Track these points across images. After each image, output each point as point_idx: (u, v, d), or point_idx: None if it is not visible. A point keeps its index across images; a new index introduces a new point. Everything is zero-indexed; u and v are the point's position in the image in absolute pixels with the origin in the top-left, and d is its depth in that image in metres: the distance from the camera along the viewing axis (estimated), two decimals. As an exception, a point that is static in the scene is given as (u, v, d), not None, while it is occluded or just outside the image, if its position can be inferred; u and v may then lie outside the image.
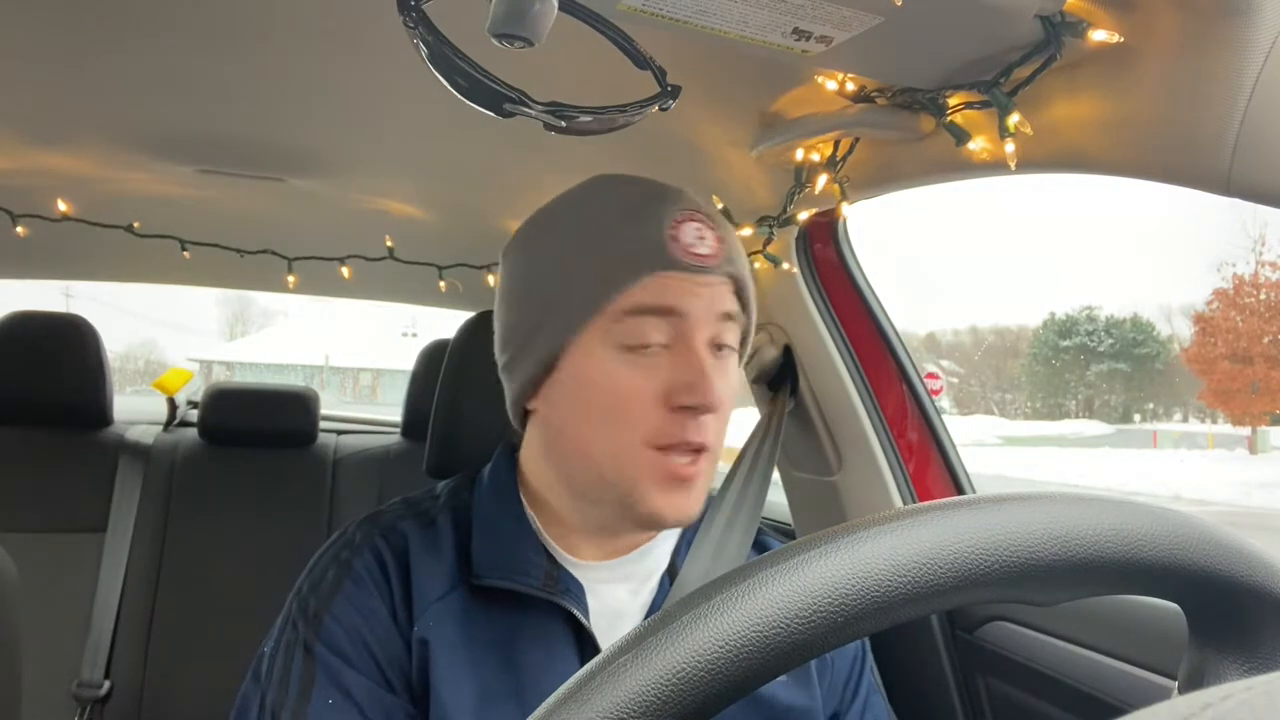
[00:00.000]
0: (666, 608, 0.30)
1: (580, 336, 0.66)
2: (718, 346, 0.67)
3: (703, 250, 0.66)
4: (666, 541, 0.76)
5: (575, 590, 0.69)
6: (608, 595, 0.71)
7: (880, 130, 0.90)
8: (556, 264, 0.68)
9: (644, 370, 0.65)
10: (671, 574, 0.75)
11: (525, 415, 0.73)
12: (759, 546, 0.86)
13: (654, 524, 0.68)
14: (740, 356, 0.73)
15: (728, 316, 0.68)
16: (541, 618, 0.68)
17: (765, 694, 0.69)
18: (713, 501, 0.83)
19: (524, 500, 0.74)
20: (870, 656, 0.81)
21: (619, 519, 0.69)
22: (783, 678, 0.71)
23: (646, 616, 0.71)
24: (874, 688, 0.80)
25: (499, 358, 0.73)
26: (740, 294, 0.69)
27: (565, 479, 0.70)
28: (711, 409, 0.64)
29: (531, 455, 0.74)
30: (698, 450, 0.65)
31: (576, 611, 0.67)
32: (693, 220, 0.67)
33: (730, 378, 0.68)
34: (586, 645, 0.68)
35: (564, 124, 0.68)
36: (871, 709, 0.78)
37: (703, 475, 0.67)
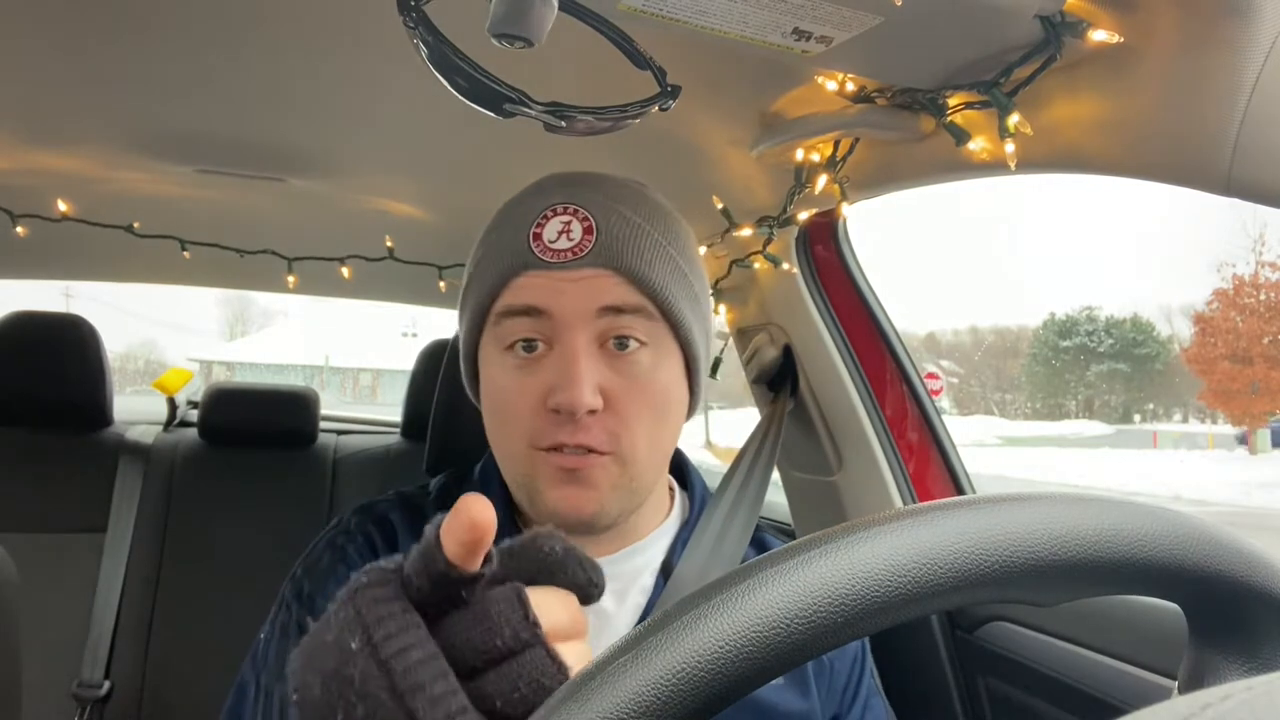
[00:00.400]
0: (666, 608, 0.30)
1: (482, 340, 0.69)
2: (619, 343, 0.64)
3: (561, 245, 0.64)
4: (657, 542, 0.75)
5: None
6: None
7: (880, 130, 0.90)
8: (466, 271, 0.71)
9: (526, 373, 0.65)
10: (666, 573, 0.74)
11: None
12: (759, 545, 0.85)
13: (558, 520, 0.64)
14: (686, 350, 0.68)
15: (615, 310, 0.64)
16: None
17: (762, 699, 0.68)
18: (710, 500, 0.82)
19: (511, 499, 0.73)
20: (870, 659, 0.80)
21: (543, 520, 0.67)
22: (779, 681, 0.70)
23: (641, 618, 0.71)
24: (874, 690, 0.79)
25: None
26: (640, 285, 0.64)
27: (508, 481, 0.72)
28: (577, 412, 0.61)
29: None
30: (587, 450, 0.63)
31: None
32: (561, 215, 0.65)
33: (638, 378, 0.65)
34: None
35: (564, 124, 0.68)
36: (871, 711, 0.78)
37: (599, 470, 0.64)
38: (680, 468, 0.82)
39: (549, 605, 0.37)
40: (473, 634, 0.35)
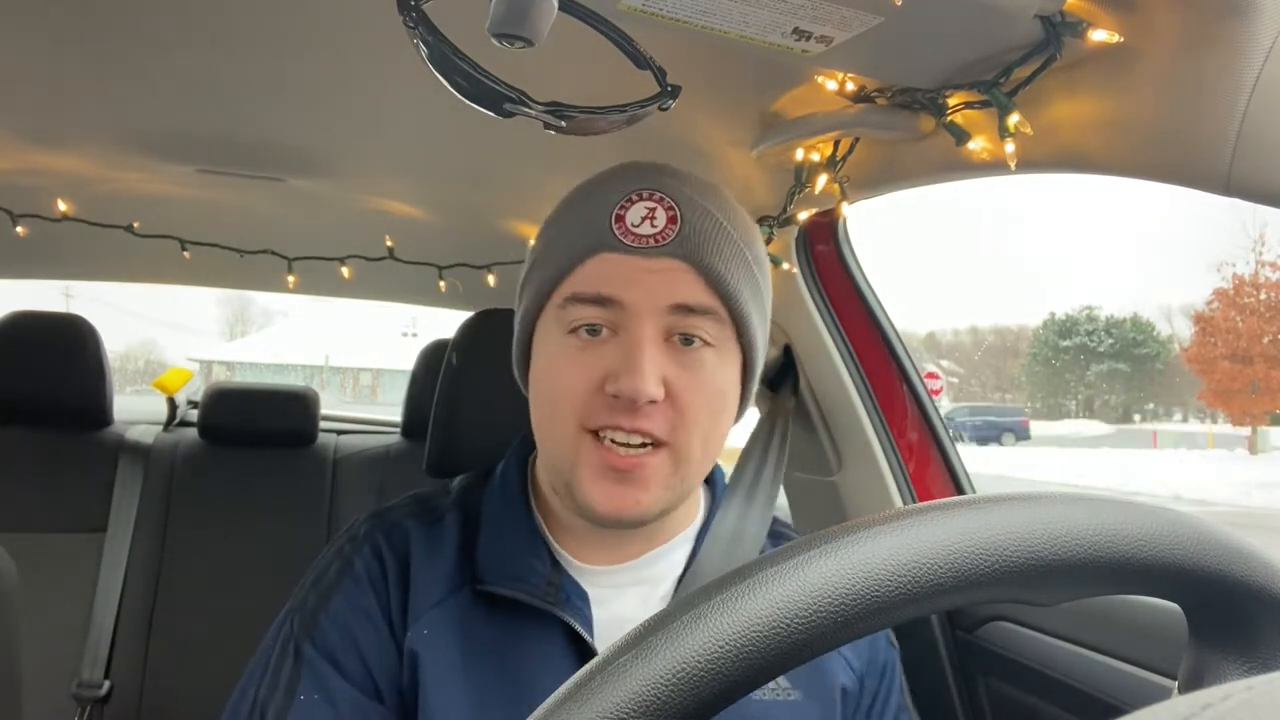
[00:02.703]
0: (666, 608, 0.30)
1: (539, 324, 0.67)
2: (684, 339, 0.63)
3: (645, 231, 0.62)
4: (681, 547, 0.74)
5: (578, 599, 0.67)
6: (616, 603, 0.69)
7: (880, 130, 0.90)
8: (532, 252, 0.69)
9: (587, 356, 0.63)
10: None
11: None
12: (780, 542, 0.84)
13: (590, 516, 0.64)
14: (746, 355, 0.67)
15: (686, 309, 0.63)
16: (543, 627, 0.66)
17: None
18: (721, 501, 0.81)
19: (533, 502, 0.72)
20: (900, 676, 0.78)
21: (578, 514, 0.66)
22: (801, 700, 0.68)
23: None
24: (903, 707, 0.77)
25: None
26: (714, 285, 0.63)
27: (542, 474, 0.71)
28: (638, 399, 0.60)
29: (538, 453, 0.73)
30: (642, 442, 0.62)
31: (575, 623, 0.65)
32: (646, 200, 0.63)
33: (700, 374, 0.63)
34: (588, 657, 0.65)
35: (564, 124, 0.68)
36: None
37: (648, 469, 0.62)
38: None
39: None
40: None
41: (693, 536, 0.75)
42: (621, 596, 0.70)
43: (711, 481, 0.81)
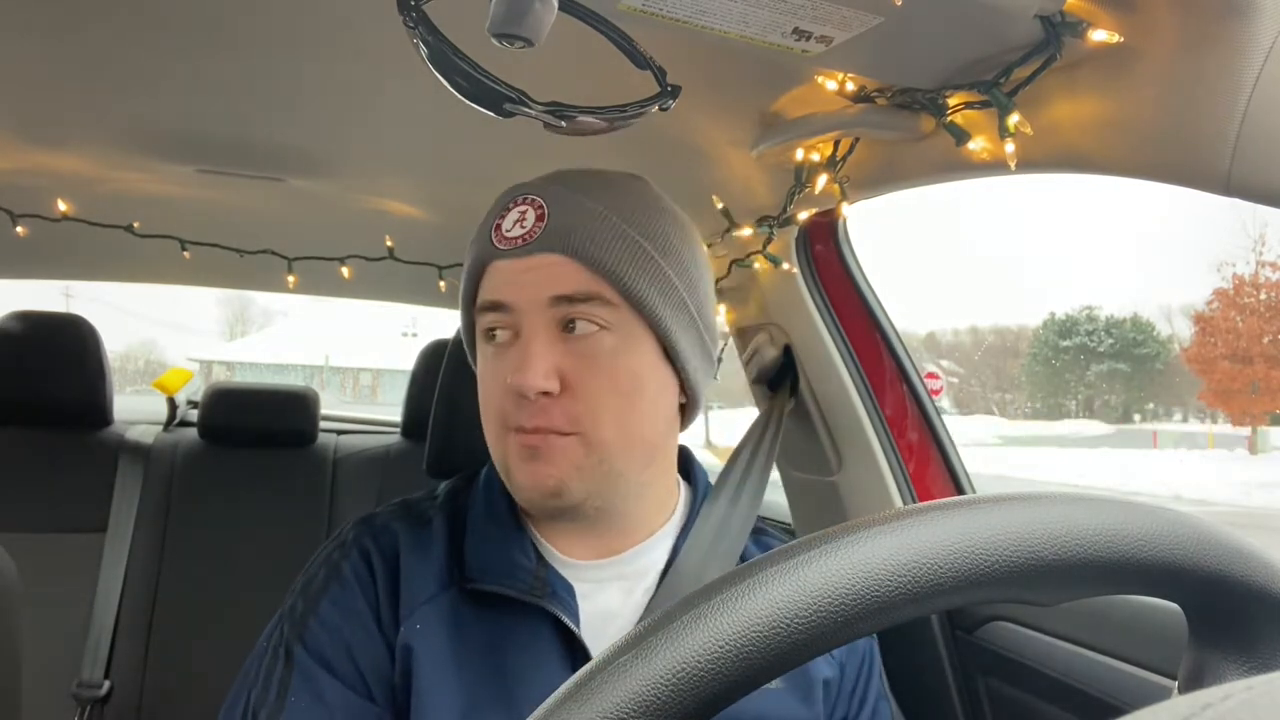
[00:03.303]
0: (667, 608, 0.30)
1: (476, 334, 0.72)
2: (571, 326, 0.65)
3: (514, 233, 0.66)
4: (664, 541, 0.75)
5: (564, 593, 0.68)
6: (600, 597, 0.70)
7: (880, 130, 0.90)
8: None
9: (497, 360, 0.68)
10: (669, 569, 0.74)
11: None
12: (764, 547, 0.85)
13: (525, 502, 0.69)
14: (659, 334, 0.68)
15: (567, 300, 0.65)
16: (531, 622, 0.67)
17: (763, 709, 0.67)
18: (708, 497, 0.82)
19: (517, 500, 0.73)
20: (879, 662, 0.80)
21: (533, 512, 0.71)
22: (780, 689, 0.70)
23: (642, 617, 0.71)
24: (882, 694, 0.79)
25: None
26: (594, 268, 0.65)
27: None
28: (526, 394, 0.63)
29: None
30: (548, 432, 0.65)
31: (563, 616, 0.66)
32: (520, 205, 0.67)
33: (598, 359, 0.65)
34: (577, 650, 0.67)
35: (564, 124, 0.68)
36: (879, 716, 0.77)
37: (559, 449, 0.65)
38: (686, 464, 0.82)
39: None
40: None
41: (675, 532, 0.77)
42: (605, 591, 0.71)
43: (693, 477, 0.82)
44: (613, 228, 0.66)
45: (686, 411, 0.74)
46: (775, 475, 1.11)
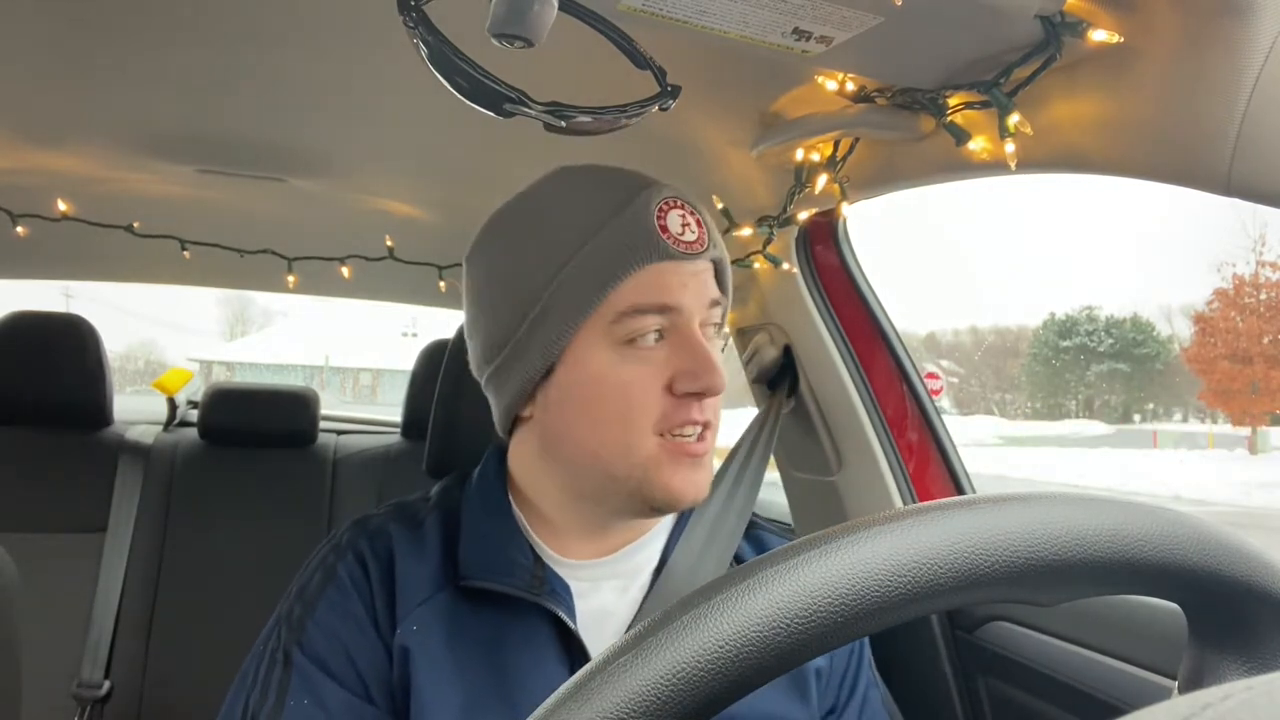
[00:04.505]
0: (667, 608, 0.30)
1: (578, 336, 0.65)
2: (714, 329, 0.69)
3: (689, 237, 0.67)
4: (657, 539, 0.76)
5: (561, 591, 0.68)
6: (596, 596, 0.71)
7: (880, 130, 0.90)
8: (542, 263, 0.65)
9: (646, 362, 0.65)
10: (663, 567, 0.75)
11: (515, 422, 0.73)
12: (758, 542, 0.85)
13: (671, 506, 0.67)
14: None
15: (716, 303, 0.69)
16: (528, 619, 0.67)
17: (762, 709, 0.68)
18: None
19: (512, 500, 0.73)
20: (868, 650, 0.80)
21: (628, 511, 0.69)
22: (779, 689, 0.70)
23: (637, 614, 0.71)
24: (872, 682, 0.80)
25: (483, 369, 0.71)
26: (719, 277, 0.70)
27: (567, 481, 0.69)
28: (716, 392, 0.65)
29: (523, 460, 0.73)
30: (704, 427, 0.67)
31: (561, 613, 0.67)
32: (676, 207, 0.67)
33: (718, 357, 0.69)
34: (574, 647, 0.67)
35: (564, 124, 0.68)
36: (869, 704, 0.78)
37: (709, 452, 0.68)
38: None
39: None
40: None
41: (668, 530, 0.77)
42: (600, 589, 0.71)
43: None
44: (721, 237, 0.72)
45: None
46: (775, 475, 1.11)
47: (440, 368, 1.04)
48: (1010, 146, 0.75)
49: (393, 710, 0.65)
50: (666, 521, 0.77)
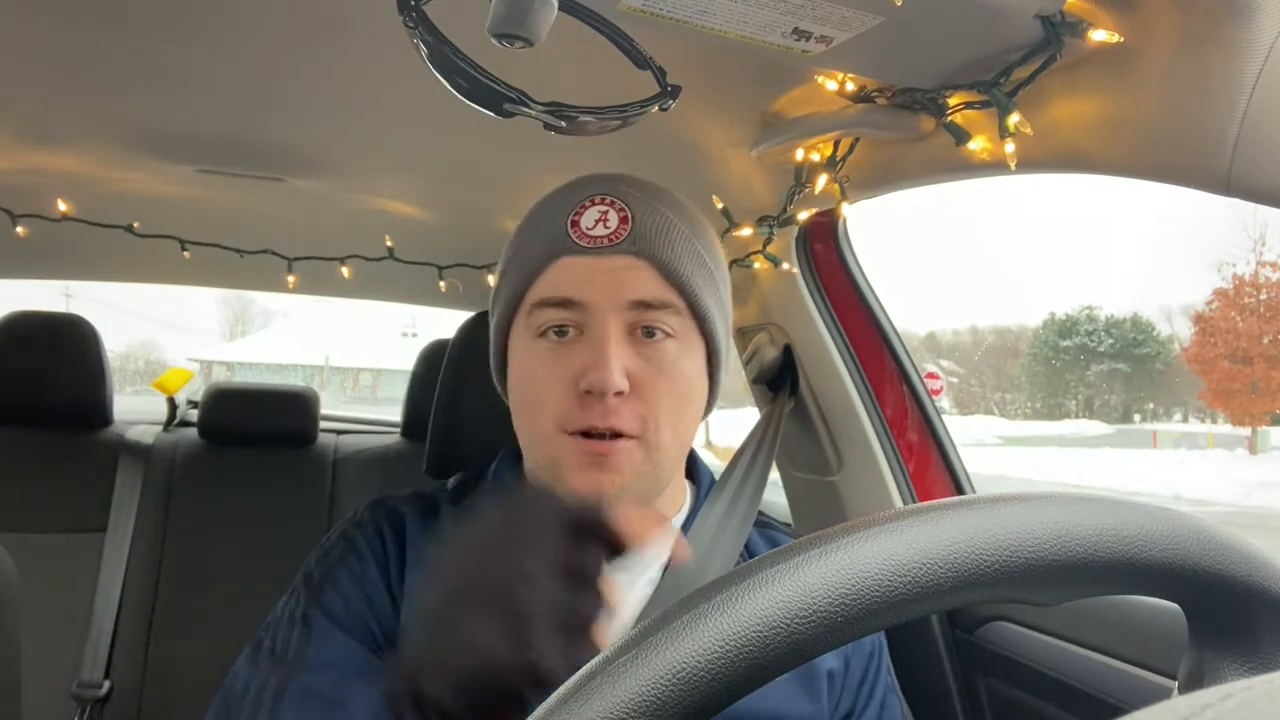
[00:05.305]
0: (667, 608, 0.30)
1: (512, 330, 0.70)
2: (646, 332, 0.67)
3: (598, 232, 0.66)
4: (668, 535, 0.76)
5: None
6: None
7: (880, 130, 0.90)
8: (503, 261, 0.73)
9: (557, 357, 0.67)
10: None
11: None
12: (770, 540, 0.85)
13: None
14: (709, 345, 0.70)
15: (645, 305, 0.66)
16: None
17: (767, 705, 0.68)
18: (710, 494, 0.83)
19: None
20: (886, 655, 0.80)
21: None
22: (785, 685, 0.70)
23: (644, 609, 0.71)
24: (890, 688, 0.79)
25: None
26: (670, 278, 0.67)
27: (529, 473, 0.73)
28: (607, 392, 0.63)
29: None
30: (615, 436, 0.65)
31: None
32: (599, 205, 0.67)
33: (664, 365, 0.67)
34: None
35: (564, 124, 0.69)
36: (888, 709, 0.77)
37: (624, 455, 0.65)
38: (690, 463, 0.83)
39: None
40: None
41: (676, 530, 0.76)
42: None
43: (696, 476, 0.83)
44: (685, 239, 0.69)
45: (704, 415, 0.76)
46: (775, 475, 1.11)
47: (440, 367, 1.04)
48: (1010, 146, 0.75)
49: None
50: (676, 522, 0.77)
